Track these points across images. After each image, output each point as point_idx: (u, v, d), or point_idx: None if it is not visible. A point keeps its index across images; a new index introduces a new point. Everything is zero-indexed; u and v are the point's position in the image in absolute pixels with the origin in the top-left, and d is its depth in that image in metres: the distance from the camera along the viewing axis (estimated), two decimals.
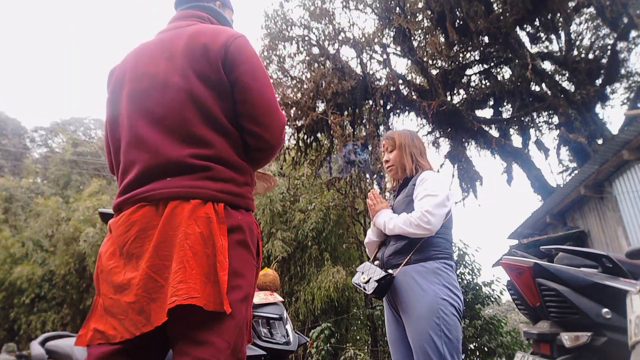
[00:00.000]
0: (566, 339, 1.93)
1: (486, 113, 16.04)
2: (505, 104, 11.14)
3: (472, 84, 11.54)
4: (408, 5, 9.72)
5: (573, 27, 10.29)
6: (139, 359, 1.11)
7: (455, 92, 11.32)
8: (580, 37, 10.66)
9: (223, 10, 1.48)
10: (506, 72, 11.04)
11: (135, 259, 1.11)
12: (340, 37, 10.25)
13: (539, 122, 11.03)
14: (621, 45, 9.38)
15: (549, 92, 9.47)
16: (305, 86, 10.11)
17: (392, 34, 10.09)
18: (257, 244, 1.24)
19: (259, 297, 2.77)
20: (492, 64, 10.86)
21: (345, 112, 10.13)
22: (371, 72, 10.32)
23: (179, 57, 1.22)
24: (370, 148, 9.61)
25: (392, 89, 9.75)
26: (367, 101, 10.29)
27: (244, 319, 1.13)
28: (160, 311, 1.04)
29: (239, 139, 1.25)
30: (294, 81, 10.45)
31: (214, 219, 1.11)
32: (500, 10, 9.19)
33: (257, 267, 1.25)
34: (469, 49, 10.45)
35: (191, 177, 1.14)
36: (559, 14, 8.75)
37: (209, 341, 1.04)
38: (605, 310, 1.90)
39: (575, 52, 10.36)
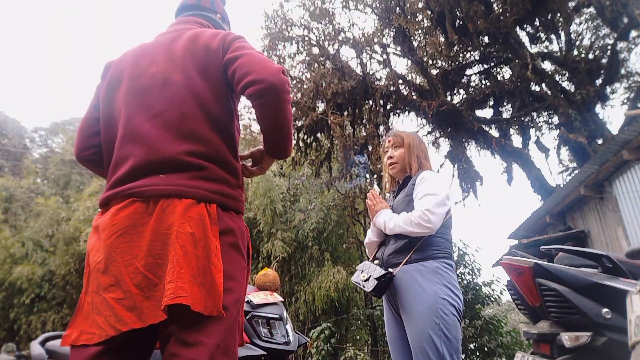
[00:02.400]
0: (566, 339, 1.93)
1: (486, 113, 16.05)
2: (505, 104, 11.14)
3: (472, 84, 11.55)
4: (408, 5, 9.72)
5: (573, 27, 10.29)
6: (124, 357, 1.10)
7: (455, 92, 11.32)
8: (580, 37, 10.66)
9: (222, 23, 1.53)
10: (506, 72, 11.05)
11: (120, 254, 1.08)
12: (340, 37, 10.26)
13: (539, 122, 11.04)
14: (621, 45, 9.38)
15: (549, 92, 9.47)
16: (305, 86, 10.12)
17: (392, 34, 10.10)
18: (247, 247, 1.24)
19: (259, 297, 2.77)
20: (492, 64, 10.86)
21: (345, 112, 10.14)
22: (371, 72, 10.33)
23: (179, 58, 1.23)
24: (370, 148, 9.61)
25: (392, 89, 9.75)
26: (367, 101, 10.29)
27: (235, 321, 1.13)
28: (154, 309, 1.04)
29: (234, 140, 1.27)
30: (294, 81, 10.45)
31: (207, 220, 1.11)
32: (500, 10, 9.19)
33: (248, 270, 1.25)
34: (469, 49, 10.45)
35: (185, 175, 1.14)
36: (559, 14, 8.74)
37: (198, 342, 1.04)
38: (605, 310, 1.90)
39: (575, 52, 10.36)
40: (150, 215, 1.10)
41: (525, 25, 9.55)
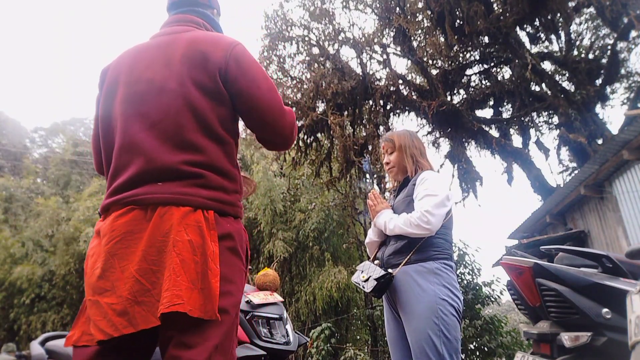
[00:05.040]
0: (566, 339, 1.93)
1: (486, 113, 16.06)
2: (505, 104, 11.14)
3: (472, 84, 11.55)
4: (408, 5, 9.72)
5: (573, 27, 10.29)
6: (125, 357, 1.12)
7: (455, 92, 11.32)
8: (580, 37, 10.67)
9: (217, 18, 1.50)
10: (506, 72, 11.06)
11: (117, 259, 1.10)
12: (340, 37, 10.25)
13: (539, 122, 11.05)
14: (621, 45, 9.38)
15: (549, 92, 9.47)
16: (305, 86, 10.12)
17: (392, 34, 10.09)
18: (246, 251, 1.26)
19: (259, 297, 2.76)
20: (492, 64, 10.87)
21: (345, 112, 10.13)
22: (371, 72, 10.32)
23: (176, 64, 1.22)
24: (370, 148, 9.61)
25: (392, 89, 9.75)
26: (367, 101, 10.28)
27: (233, 323, 1.15)
28: (145, 315, 1.05)
29: (232, 147, 1.27)
30: (294, 81, 10.45)
31: (204, 226, 1.12)
32: (500, 10, 9.19)
33: (246, 273, 1.27)
34: (469, 49, 10.45)
35: (182, 183, 1.15)
36: (559, 14, 8.74)
37: (198, 344, 1.05)
38: (605, 310, 1.90)
39: (575, 52, 10.36)
40: (148, 222, 1.12)
41: (525, 26, 9.55)
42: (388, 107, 10.40)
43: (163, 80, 1.21)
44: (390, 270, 1.90)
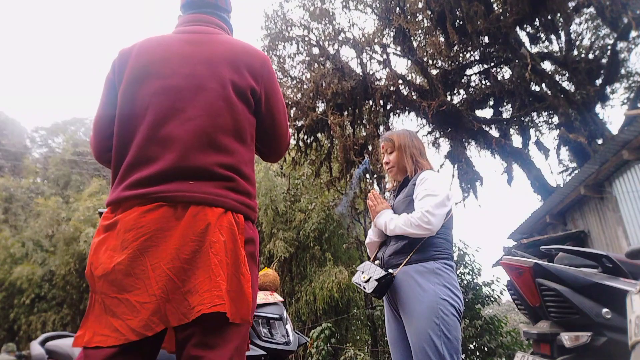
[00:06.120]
0: (566, 339, 1.93)
1: (486, 113, 16.04)
2: (505, 104, 11.13)
3: (472, 84, 11.54)
4: (408, 5, 9.72)
5: (573, 27, 10.28)
6: (137, 357, 1.10)
7: (455, 92, 11.31)
8: (580, 37, 10.65)
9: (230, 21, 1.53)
10: (506, 72, 11.04)
11: (147, 257, 1.08)
12: (340, 37, 10.25)
13: (539, 122, 11.04)
14: (621, 45, 9.37)
15: (549, 92, 9.46)
16: (305, 86, 10.12)
17: (392, 34, 10.09)
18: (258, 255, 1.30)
19: (259, 297, 2.77)
20: (492, 64, 10.85)
21: (345, 112, 10.13)
22: (371, 72, 10.31)
23: (217, 65, 1.24)
24: (370, 148, 9.61)
25: (392, 89, 9.75)
26: (367, 101, 10.28)
27: (249, 327, 1.18)
28: (174, 312, 1.05)
29: (253, 153, 1.32)
30: (294, 81, 10.46)
31: (235, 230, 1.14)
32: (500, 10, 9.19)
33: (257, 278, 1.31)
34: (469, 49, 10.45)
35: (214, 184, 1.15)
36: (559, 14, 8.74)
37: (220, 345, 1.07)
38: (605, 310, 1.91)
39: (575, 52, 10.35)
40: (177, 220, 1.11)
41: (525, 26, 9.54)
42: (388, 107, 10.39)
43: (202, 78, 1.22)
44: (390, 271, 1.90)
